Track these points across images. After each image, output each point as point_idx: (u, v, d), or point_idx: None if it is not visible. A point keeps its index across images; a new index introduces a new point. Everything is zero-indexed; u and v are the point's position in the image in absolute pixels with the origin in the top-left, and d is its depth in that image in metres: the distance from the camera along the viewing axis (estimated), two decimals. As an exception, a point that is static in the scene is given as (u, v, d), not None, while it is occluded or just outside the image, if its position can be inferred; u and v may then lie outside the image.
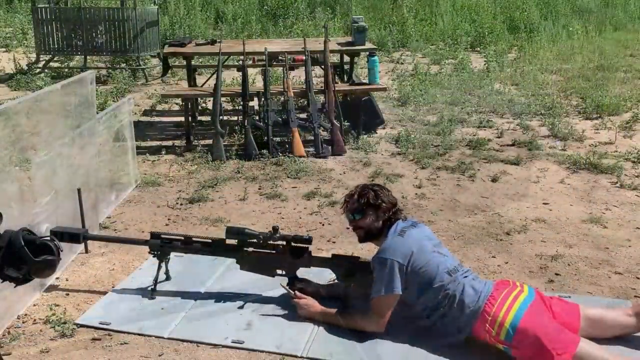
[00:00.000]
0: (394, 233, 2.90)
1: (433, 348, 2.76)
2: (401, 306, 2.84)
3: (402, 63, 10.04)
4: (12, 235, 1.97)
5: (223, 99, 6.41)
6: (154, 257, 3.25)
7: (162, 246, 3.22)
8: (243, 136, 5.67)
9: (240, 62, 6.40)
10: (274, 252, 3.14)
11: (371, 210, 2.95)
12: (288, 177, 5.07)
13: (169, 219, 4.25)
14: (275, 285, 3.21)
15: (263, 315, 3.04)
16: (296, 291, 3.05)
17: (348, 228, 3.79)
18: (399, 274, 2.78)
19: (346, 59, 6.84)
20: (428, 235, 3.00)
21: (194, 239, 3.25)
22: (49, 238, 2.07)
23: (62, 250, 2.08)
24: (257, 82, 7.72)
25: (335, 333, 2.87)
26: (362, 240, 3.06)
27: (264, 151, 5.49)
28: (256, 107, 5.84)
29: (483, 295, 2.74)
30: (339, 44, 6.56)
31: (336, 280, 3.20)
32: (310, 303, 3.00)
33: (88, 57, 9.01)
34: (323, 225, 4.15)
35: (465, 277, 2.84)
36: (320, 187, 4.81)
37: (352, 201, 3.00)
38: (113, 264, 3.60)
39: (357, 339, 2.83)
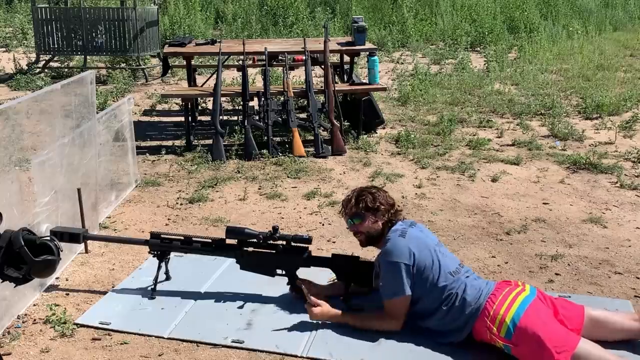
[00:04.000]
0: (395, 235, 2.89)
1: (434, 347, 2.77)
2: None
3: (402, 63, 10.04)
4: (12, 235, 1.97)
5: (223, 99, 6.41)
6: (154, 257, 3.25)
7: (162, 246, 3.23)
8: (243, 136, 5.66)
9: (240, 62, 6.40)
10: (273, 252, 3.14)
11: (370, 213, 2.95)
12: (288, 177, 5.07)
13: (169, 219, 4.25)
14: (275, 285, 3.22)
15: (263, 315, 3.04)
16: (310, 296, 2.94)
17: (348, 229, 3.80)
18: (407, 276, 2.79)
19: (346, 59, 6.83)
20: (427, 234, 3.03)
21: (194, 239, 3.25)
22: (49, 238, 2.07)
23: (62, 250, 2.08)
24: (257, 82, 7.73)
25: (334, 333, 2.87)
26: (364, 244, 3.05)
27: (264, 151, 5.49)
28: (256, 107, 5.84)
29: (484, 293, 2.77)
30: (339, 44, 6.55)
31: (336, 280, 3.20)
32: (324, 309, 2.93)
33: (88, 57, 9.02)
34: (323, 225, 4.15)
35: (467, 277, 2.86)
36: (320, 187, 4.81)
37: (350, 206, 2.98)
38: (113, 264, 3.60)
39: (357, 338, 2.83)
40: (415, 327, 2.86)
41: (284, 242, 3.12)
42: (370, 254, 3.26)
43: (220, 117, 5.63)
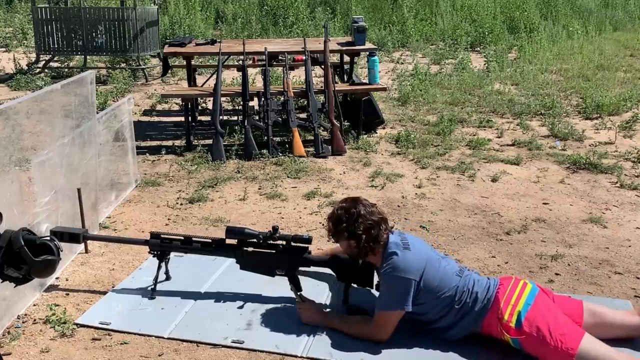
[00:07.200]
0: (399, 248, 2.80)
1: (434, 346, 2.78)
2: (414, 316, 2.83)
3: (402, 63, 10.04)
4: (12, 235, 1.98)
5: (223, 99, 6.41)
6: (154, 257, 3.25)
7: (162, 246, 3.23)
8: (243, 136, 5.66)
9: (240, 62, 6.40)
10: (273, 251, 3.14)
11: (345, 239, 2.88)
12: (288, 177, 5.07)
13: (169, 219, 4.25)
14: (275, 285, 3.22)
15: (263, 315, 3.04)
16: (301, 295, 3.02)
17: None
18: (412, 292, 2.74)
19: (346, 59, 6.83)
20: (422, 241, 3.01)
21: (194, 239, 3.25)
22: (49, 238, 2.07)
23: (62, 250, 2.08)
24: (257, 82, 7.73)
25: (335, 333, 2.87)
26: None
27: (264, 151, 5.49)
28: (256, 107, 5.84)
29: (492, 285, 2.80)
30: (339, 44, 6.55)
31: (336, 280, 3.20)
32: (312, 309, 2.97)
33: (88, 57, 9.01)
34: (323, 225, 4.15)
35: (469, 273, 2.89)
36: (320, 187, 4.81)
37: (329, 225, 2.90)
38: (113, 264, 3.60)
39: (357, 338, 2.83)
40: (417, 329, 2.85)
41: (284, 242, 3.12)
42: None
43: (220, 117, 5.63)
